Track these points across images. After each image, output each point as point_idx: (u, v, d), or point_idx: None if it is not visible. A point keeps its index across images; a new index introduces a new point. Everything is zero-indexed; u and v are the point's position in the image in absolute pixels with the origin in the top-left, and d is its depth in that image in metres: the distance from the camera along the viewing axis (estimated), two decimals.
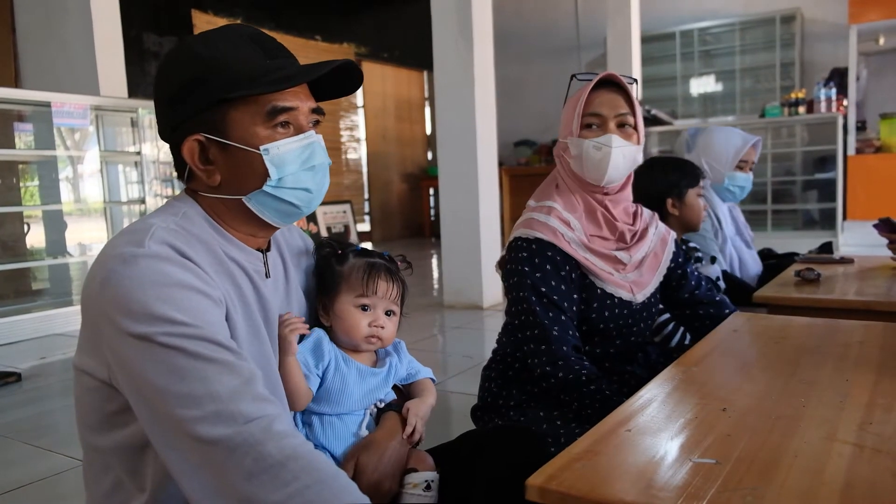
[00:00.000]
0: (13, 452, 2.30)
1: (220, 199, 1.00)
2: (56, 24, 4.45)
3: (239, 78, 0.94)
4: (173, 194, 4.85)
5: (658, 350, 1.95)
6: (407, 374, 1.25)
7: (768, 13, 7.99)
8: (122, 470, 0.96)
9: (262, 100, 0.96)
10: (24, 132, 4.59)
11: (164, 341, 0.84)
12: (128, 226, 0.97)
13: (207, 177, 0.99)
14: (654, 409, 1.03)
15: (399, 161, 9.99)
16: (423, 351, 3.51)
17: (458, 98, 4.55)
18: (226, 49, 0.96)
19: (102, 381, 0.92)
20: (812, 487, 0.76)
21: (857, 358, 1.25)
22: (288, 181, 0.99)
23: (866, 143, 6.96)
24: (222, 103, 0.95)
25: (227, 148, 0.97)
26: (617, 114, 1.51)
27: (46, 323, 4.11)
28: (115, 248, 0.90)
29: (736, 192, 2.77)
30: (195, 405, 0.83)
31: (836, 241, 6.14)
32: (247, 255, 1.03)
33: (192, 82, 0.95)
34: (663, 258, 1.67)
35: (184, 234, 0.95)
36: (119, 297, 0.86)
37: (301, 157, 1.00)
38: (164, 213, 0.99)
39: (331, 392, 1.14)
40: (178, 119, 0.98)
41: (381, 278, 1.18)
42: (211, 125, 0.96)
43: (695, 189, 2.22)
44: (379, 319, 1.18)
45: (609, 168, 1.50)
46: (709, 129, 2.87)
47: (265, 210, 1.01)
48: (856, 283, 2.16)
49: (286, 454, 0.82)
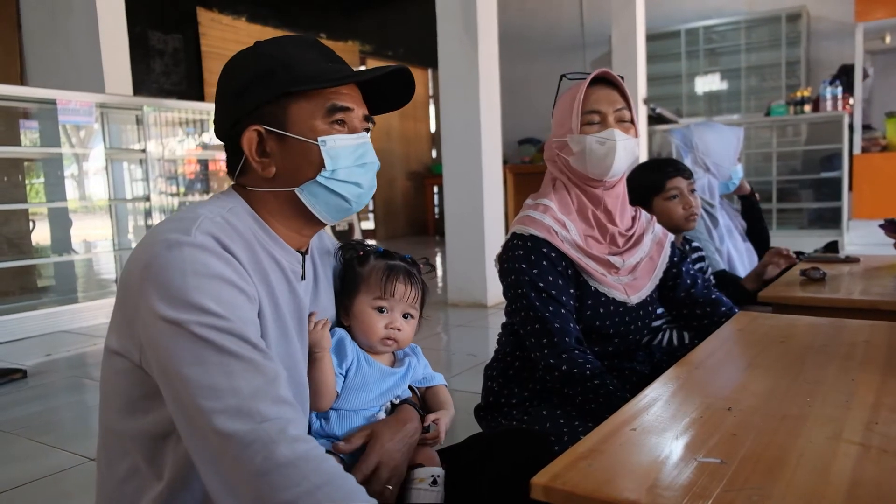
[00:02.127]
0: (19, 449, 2.31)
1: (271, 192, 1.04)
2: (61, 22, 4.46)
3: (303, 74, 1.00)
4: (178, 192, 4.88)
5: (661, 348, 1.94)
6: (423, 377, 1.27)
7: (774, 11, 7.96)
8: (140, 457, 0.97)
9: (323, 96, 1.02)
10: (30, 129, 4.60)
11: (196, 331, 0.86)
12: (175, 213, 1.02)
13: (263, 168, 1.02)
14: (659, 407, 1.02)
15: (403, 159, 9.99)
16: (426, 349, 3.50)
17: (462, 96, 4.55)
18: (292, 49, 1.03)
19: (133, 363, 0.93)
20: (818, 487, 0.76)
21: (863, 357, 1.24)
22: (341, 174, 1.03)
23: (872, 142, 6.93)
24: (284, 97, 1.00)
25: (286, 140, 1.01)
26: (615, 109, 1.53)
27: (52, 320, 4.12)
28: (161, 234, 0.93)
29: (732, 186, 2.79)
30: (216, 397, 0.85)
31: (841, 240, 6.12)
32: (287, 255, 1.05)
33: (259, 76, 1.01)
34: (659, 262, 1.67)
35: (228, 228, 0.97)
36: (160, 280, 0.88)
37: (355, 153, 1.04)
38: (212, 204, 1.02)
39: (351, 390, 1.15)
40: (241, 112, 1.02)
41: (399, 281, 1.19)
42: (271, 118, 1.01)
43: (661, 195, 2.13)
44: (395, 322, 1.18)
45: (614, 162, 1.51)
46: (698, 131, 2.80)
47: (316, 202, 1.04)
48: (861, 282, 2.15)
49: (297, 455, 0.84)
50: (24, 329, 3.99)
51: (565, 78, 1.63)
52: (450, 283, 4.76)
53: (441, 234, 7.03)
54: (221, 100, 1.06)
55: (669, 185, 2.15)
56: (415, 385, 1.26)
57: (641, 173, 2.20)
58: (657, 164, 2.24)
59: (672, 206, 2.14)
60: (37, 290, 4.72)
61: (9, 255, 4.41)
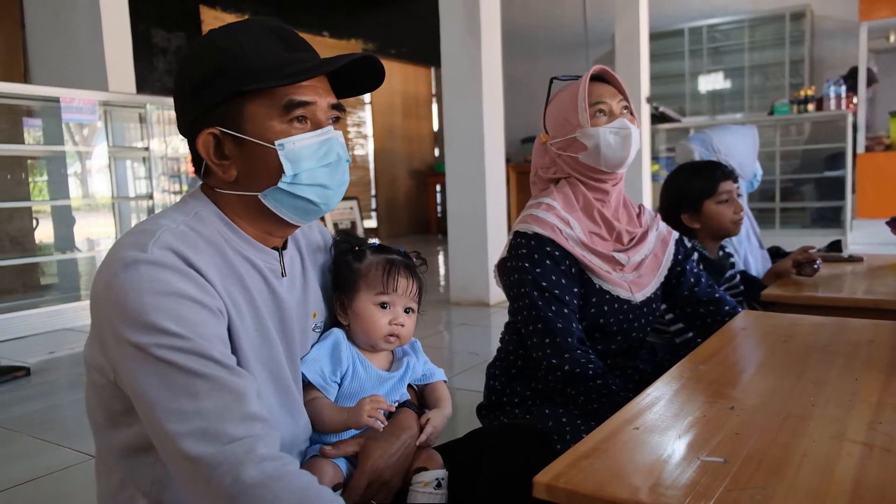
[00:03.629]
0: (22, 446, 2.32)
1: (236, 195, 0.99)
2: (65, 20, 4.46)
3: (256, 70, 0.92)
4: (181, 190, 4.88)
5: (664, 347, 1.94)
6: (423, 374, 1.24)
7: (778, 10, 7.94)
8: (124, 470, 0.97)
9: (279, 93, 0.94)
10: (33, 127, 4.61)
11: (158, 353, 0.84)
12: (137, 224, 0.96)
13: (223, 172, 0.97)
14: (662, 407, 1.02)
15: (406, 157, 9.99)
16: (429, 347, 3.50)
17: (465, 94, 4.54)
18: (246, 41, 0.94)
19: (109, 380, 0.92)
20: (821, 487, 0.75)
21: (867, 357, 1.24)
22: (304, 177, 0.96)
23: (876, 141, 6.91)
24: (239, 96, 0.93)
25: (243, 142, 0.95)
26: (618, 101, 1.55)
27: (55, 318, 4.13)
28: (119, 251, 0.89)
29: (756, 183, 2.81)
30: (182, 420, 0.83)
31: (844, 239, 6.10)
32: (261, 254, 1.01)
33: (211, 74, 0.94)
34: (664, 259, 1.67)
35: (191, 237, 0.93)
36: (118, 301, 0.85)
37: (318, 152, 0.97)
38: (175, 211, 0.98)
39: (346, 398, 1.13)
40: (196, 112, 0.96)
41: (400, 275, 1.17)
42: (227, 118, 0.94)
43: (713, 198, 2.13)
44: (399, 317, 1.16)
45: (631, 149, 1.53)
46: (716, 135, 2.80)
47: (282, 207, 0.98)
48: (865, 281, 2.14)
49: (266, 475, 0.82)
50: (27, 327, 4.00)
51: (556, 80, 1.64)
52: (452, 281, 4.75)
53: (443, 233, 7.03)
54: (178, 98, 1.00)
55: (722, 189, 2.14)
56: (415, 383, 1.24)
57: (689, 176, 2.19)
58: (704, 166, 2.23)
59: (723, 210, 2.13)
60: (40, 288, 4.73)
61: (12, 253, 4.41)
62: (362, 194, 9.09)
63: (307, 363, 1.10)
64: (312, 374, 1.10)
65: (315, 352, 1.12)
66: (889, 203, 6.46)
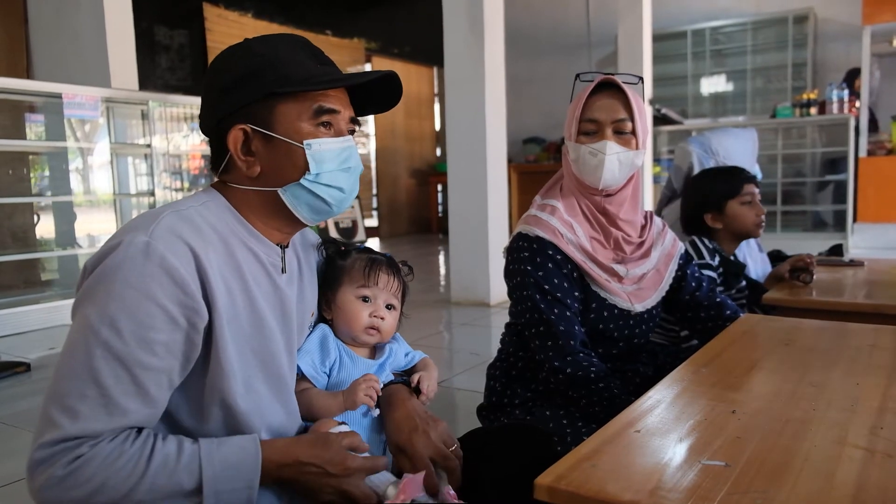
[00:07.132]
0: (22, 442, 2.32)
1: (254, 191, 1.04)
2: (68, 16, 4.46)
3: (291, 75, 1.00)
4: (182, 187, 4.88)
5: (665, 349, 1.94)
6: (407, 359, 1.28)
7: (781, 13, 7.92)
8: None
9: (310, 98, 1.02)
10: (36, 123, 4.60)
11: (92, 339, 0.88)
12: (147, 211, 1.01)
13: (247, 167, 1.03)
14: (663, 410, 1.02)
15: (408, 157, 9.99)
16: (429, 347, 3.51)
17: (467, 94, 4.54)
18: (282, 49, 1.03)
19: None
20: (822, 491, 0.75)
21: (868, 361, 1.24)
22: (324, 178, 1.03)
23: (878, 145, 6.90)
24: (272, 97, 1.00)
25: (271, 140, 1.01)
26: (614, 119, 1.50)
27: (55, 313, 4.13)
28: (125, 230, 0.95)
29: None
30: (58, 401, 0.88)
31: (846, 243, 6.10)
32: (265, 248, 1.06)
33: (247, 75, 1.01)
34: (666, 275, 1.66)
35: (197, 220, 0.98)
36: (98, 274, 0.91)
37: (339, 157, 1.04)
38: (186, 200, 1.03)
39: (334, 386, 1.17)
40: (227, 109, 1.02)
41: (382, 271, 1.22)
42: (258, 117, 1.01)
43: (737, 198, 2.18)
44: (379, 311, 1.21)
45: (604, 174, 1.50)
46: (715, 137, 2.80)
47: (298, 204, 1.04)
48: (866, 286, 2.14)
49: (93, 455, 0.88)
50: (27, 322, 4.00)
51: (580, 78, 1.62)
52: (453, 281, 4.75)
53: (445, 233, 7.02)
54: (209, 96, 1.06)
55: (746, 190, 2.20)
56: (399, 370, 1.27)
57: (714, 178, 2.25)
58: (729, 169, 2.30)
59: (746, 211, 2.19)
60: (40, 284, 4.73)
61: (13, 249, 4.41)
62: (363, 193, 9.10)
63: (299, 355, 1.15)
64: (305, 365, 1.15)
65: (306, 344, 1.18)
66: (891, 207, 6.46)
